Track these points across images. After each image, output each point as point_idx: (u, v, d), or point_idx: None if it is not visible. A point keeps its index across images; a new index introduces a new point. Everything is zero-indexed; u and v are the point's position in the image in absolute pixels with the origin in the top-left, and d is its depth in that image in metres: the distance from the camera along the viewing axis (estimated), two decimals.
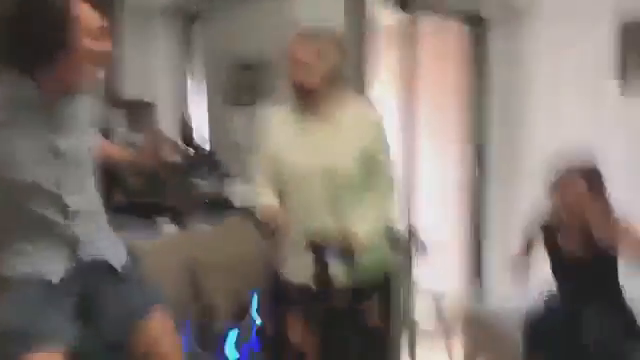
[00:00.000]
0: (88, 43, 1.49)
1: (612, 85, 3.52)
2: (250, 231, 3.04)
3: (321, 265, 1.94)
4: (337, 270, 1.98)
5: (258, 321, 2.20)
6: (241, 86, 3.75)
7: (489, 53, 4.10)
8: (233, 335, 2.16)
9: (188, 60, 4.44)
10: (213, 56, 4.01)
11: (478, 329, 3.15)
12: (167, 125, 4.72)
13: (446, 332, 3.41)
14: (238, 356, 2.13)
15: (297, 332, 2.08)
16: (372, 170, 2.04)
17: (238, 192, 3.32)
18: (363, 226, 1.98)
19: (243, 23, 3.73)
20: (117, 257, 1.72)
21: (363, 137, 2.04)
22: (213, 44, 4.04)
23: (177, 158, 2.02)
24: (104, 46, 1.53)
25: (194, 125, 4.21)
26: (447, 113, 4.27)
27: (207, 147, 4.07)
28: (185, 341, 2.19)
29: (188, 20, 4.54)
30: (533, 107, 3.99)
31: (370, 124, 2.08)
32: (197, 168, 3.80)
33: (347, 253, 1.91)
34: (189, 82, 4.44)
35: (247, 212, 3.23)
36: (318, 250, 1.94)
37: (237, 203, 3.29)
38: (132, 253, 1.81)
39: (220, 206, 3.31)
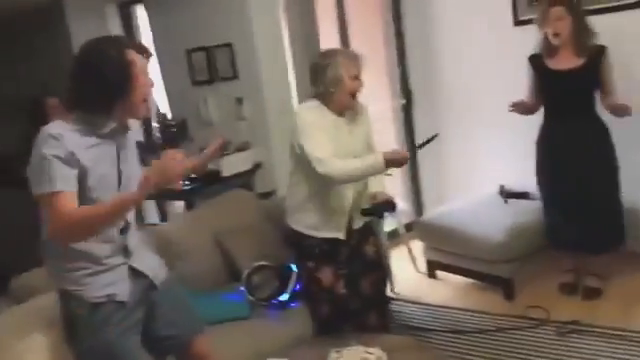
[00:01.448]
0: (142, 79, 1.84)
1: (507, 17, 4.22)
2: (247, 199, 3.66)
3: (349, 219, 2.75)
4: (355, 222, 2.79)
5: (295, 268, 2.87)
6: (198, 67, 4.19)
7: None
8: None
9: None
10: (163, 39, 4.36)
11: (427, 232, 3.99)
12: None
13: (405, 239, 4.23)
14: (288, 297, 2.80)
15: (330, 274, 2.71)
16: (371, 148, 2.81)
17: (226, 163, 3.87)
18: (380, 183, 2.83)
19: (191, 8, 4.10)
20: (160, 272, 2.09)
21: (367, 128, 2.82)
22: (161, 27, 4.36)
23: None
24: (150, 78, 1.90)
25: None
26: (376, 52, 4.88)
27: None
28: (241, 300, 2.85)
29: (129, 4, 4.83)
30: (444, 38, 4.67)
31: (367, 118, 2.84)
32: (172, 140, 4.30)
33: (392, 205, 2.79)
34: None
35: (233, 182, 3.83)
36: (376, 211, 2.79)
37: (226, 173, 3.86)
38: (170, 272, 2.18)
39: (211, 179, 3.86)
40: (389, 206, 2.81)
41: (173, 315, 2.10)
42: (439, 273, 3.99)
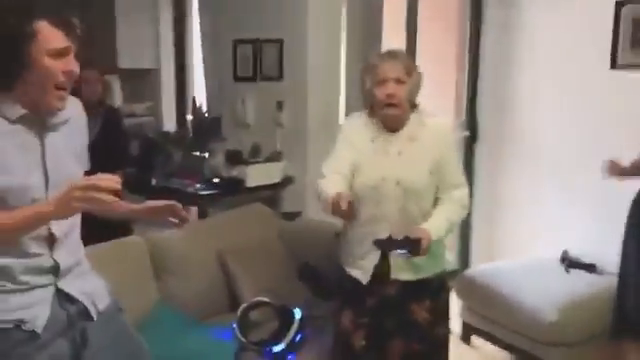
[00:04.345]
0: (47, 62, 1.42)
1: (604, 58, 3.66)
2: (266, 216, 3.22)
3: (383, 261, 2.12)
4: (397, 266, 2.15)
5: (298, 314, 2.38)
6: (242, 61, 3.78)
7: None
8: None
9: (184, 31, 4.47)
10: (211, 28, 3.99)
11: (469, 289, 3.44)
12: (169, 94, 4.80)
13: None
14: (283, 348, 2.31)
15: (349, 320, 2.25)
16: (445, 178, 2.16)
17: (251, 172, 3.46)
18: (433, 224, 2.07)
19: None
20: (100, 300, 1.63)
21: (436, 150, 2.14)
22: (209, 11, 4.00)
23: None
24: (66, 64, 1.45)
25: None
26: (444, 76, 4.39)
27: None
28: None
29: None
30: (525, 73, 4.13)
31: (442, 137, 2.19)
32: (201, 137, 3.90)
33: (413, 244, 1.97)
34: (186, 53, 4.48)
35: (258, 193, 3.41)
36: (384, 244, 2.04)
37: (250, 183, 3.44)
38: (114, 296, 1.70)
39: (232, 187, 3.45)
40: (405, 245, 2.00)
41: (106, 357, 1.61)
42: (474, 339, 3.44)
